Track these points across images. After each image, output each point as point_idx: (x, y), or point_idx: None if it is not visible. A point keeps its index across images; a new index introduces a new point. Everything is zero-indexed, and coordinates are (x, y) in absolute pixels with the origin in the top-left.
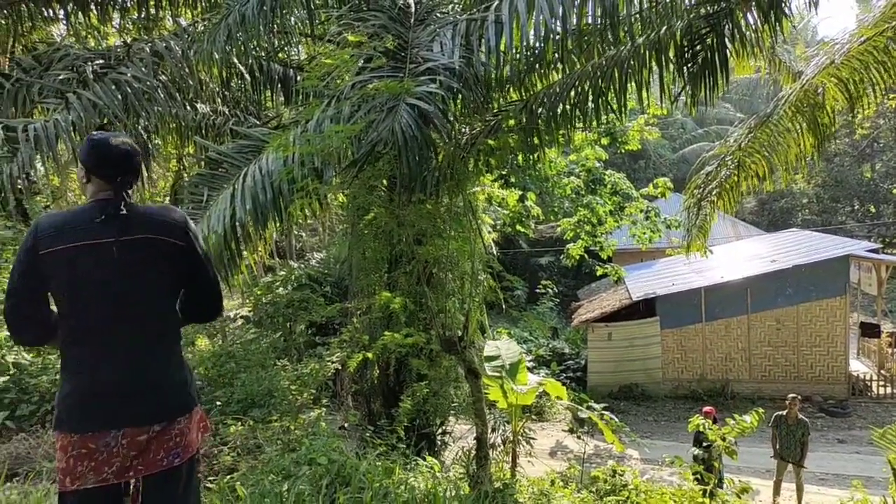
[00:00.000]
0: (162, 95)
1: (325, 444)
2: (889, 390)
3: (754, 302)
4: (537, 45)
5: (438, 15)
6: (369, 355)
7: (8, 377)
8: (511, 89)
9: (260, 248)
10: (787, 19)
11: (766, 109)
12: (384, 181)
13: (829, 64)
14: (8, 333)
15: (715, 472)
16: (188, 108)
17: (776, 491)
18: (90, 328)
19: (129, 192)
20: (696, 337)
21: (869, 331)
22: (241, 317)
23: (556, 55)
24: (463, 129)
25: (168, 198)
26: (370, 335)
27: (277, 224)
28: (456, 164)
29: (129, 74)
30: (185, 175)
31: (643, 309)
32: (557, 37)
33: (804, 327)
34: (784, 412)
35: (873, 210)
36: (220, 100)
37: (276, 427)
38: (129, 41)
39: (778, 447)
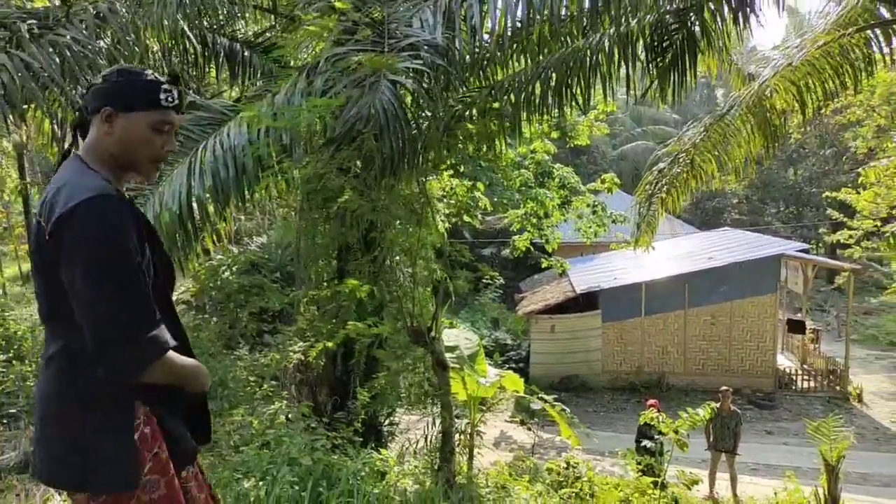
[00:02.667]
0: (104, 62)
1: (308, 443)
2: (811, 384)
3: (691, 297)
4: (510, 29)
5: None
6: (330, 345)
7: None
8: (472, 77)
9: (221, 229)
10: (757, 17)
11: (720, 109)
12: (357, 162)
13: (787, 65)
14: None
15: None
16: None
17: (712, 481)
18: None
19: (81, 144)
20: (636, 330)
21: (795, 327)
22: (183, 302)
23: (533, 39)
24: (438, 113)
25: None
26: (323, 324)
27: (240, 204)
28: (434, 147)
29: (68, 37)
30: None
31: (583, 302)
32: (541, 19)
33: (736, 323)
34: (718, 404)
35: (797, 212)
36: (161, 72)
37: (237, 420)
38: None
39: (712, 439)
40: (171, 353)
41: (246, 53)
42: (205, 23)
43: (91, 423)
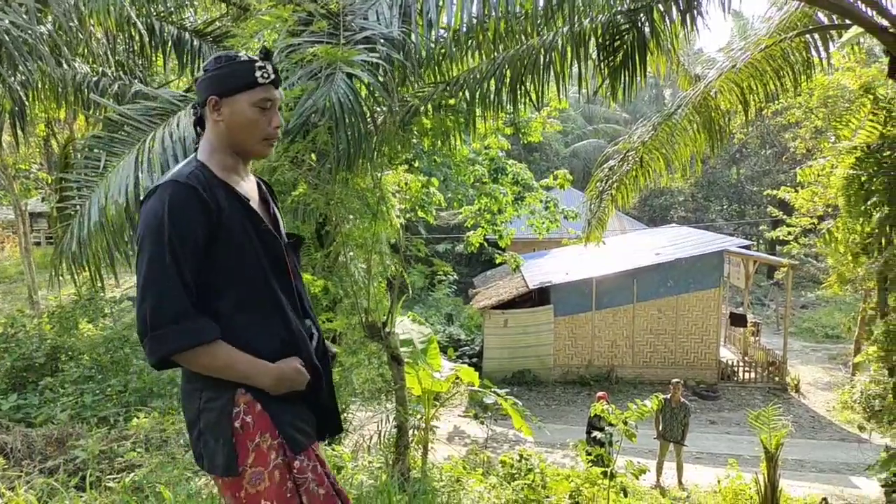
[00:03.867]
0: (45, 48)
1: None
2: (751, 375)
3: (640, 292)
4: (465, 25)
5: None
6: None
7: None
8: (428, 72)
9: None
10: (703, 19)
11: (668, 108)
12: (312, 155)
13: (731, 67)
14: None
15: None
16: (66, 65)
17: (659, 470)
18: None
19: (200, 134)
20: (586, 325)
21: (737, 321)
22: (129, 298)
23: (489, 36)
24: (394, 107)
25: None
26: None
27: None
28: (390, 141)
29: (6, 21)
30: (55, 141)
31: (535, 297)
32: (496, 16)
33: (682, 316)
34: (668, 395)
35: (739, 209)
36: (104, 60)
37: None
38: None
39: (661, 429)
40: (219, 348)
41: (195, 42)
42: (152, 10)
43: (200, 402)
